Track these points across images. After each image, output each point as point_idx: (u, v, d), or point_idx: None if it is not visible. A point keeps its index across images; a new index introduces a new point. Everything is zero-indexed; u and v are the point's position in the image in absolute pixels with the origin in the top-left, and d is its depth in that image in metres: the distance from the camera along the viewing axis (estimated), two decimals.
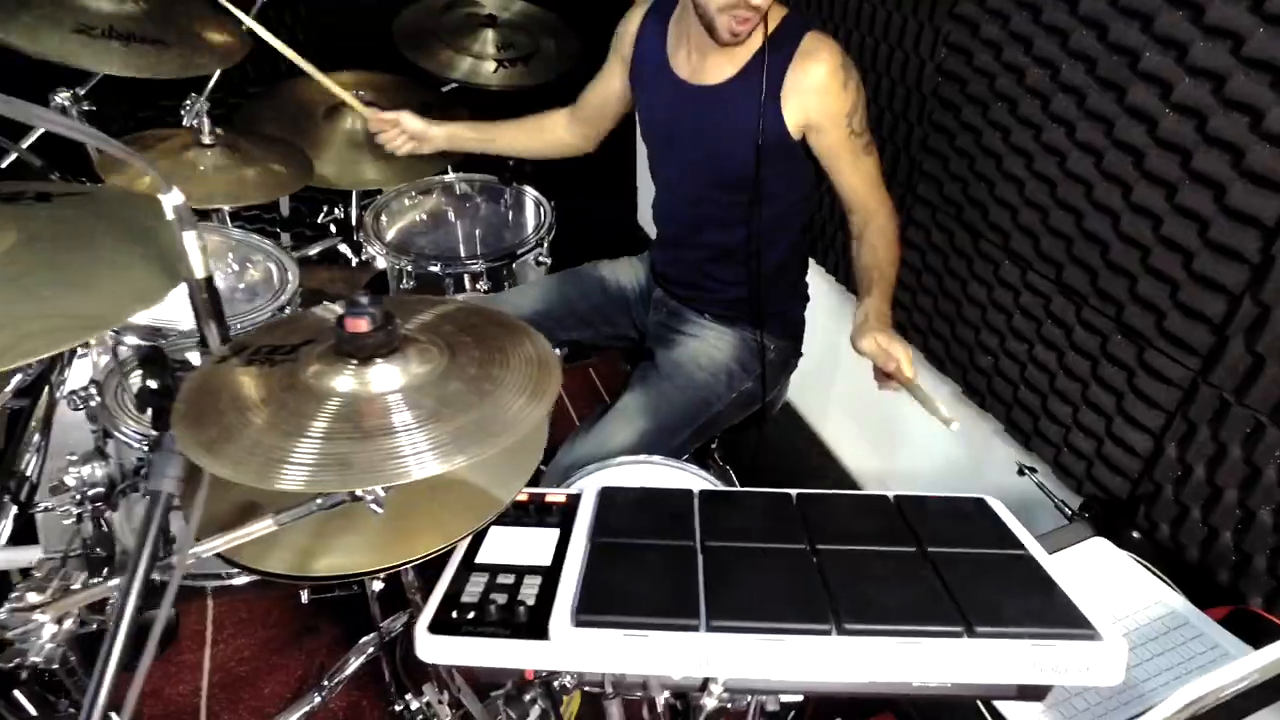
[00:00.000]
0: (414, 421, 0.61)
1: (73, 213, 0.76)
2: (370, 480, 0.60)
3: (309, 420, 0.60)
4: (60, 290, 0.64)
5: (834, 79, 1.25)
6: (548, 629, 0.66)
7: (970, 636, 0.65)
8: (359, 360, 0.65)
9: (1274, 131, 0.99)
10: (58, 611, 0.68)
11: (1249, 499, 1.13)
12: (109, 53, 1.39)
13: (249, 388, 0.64)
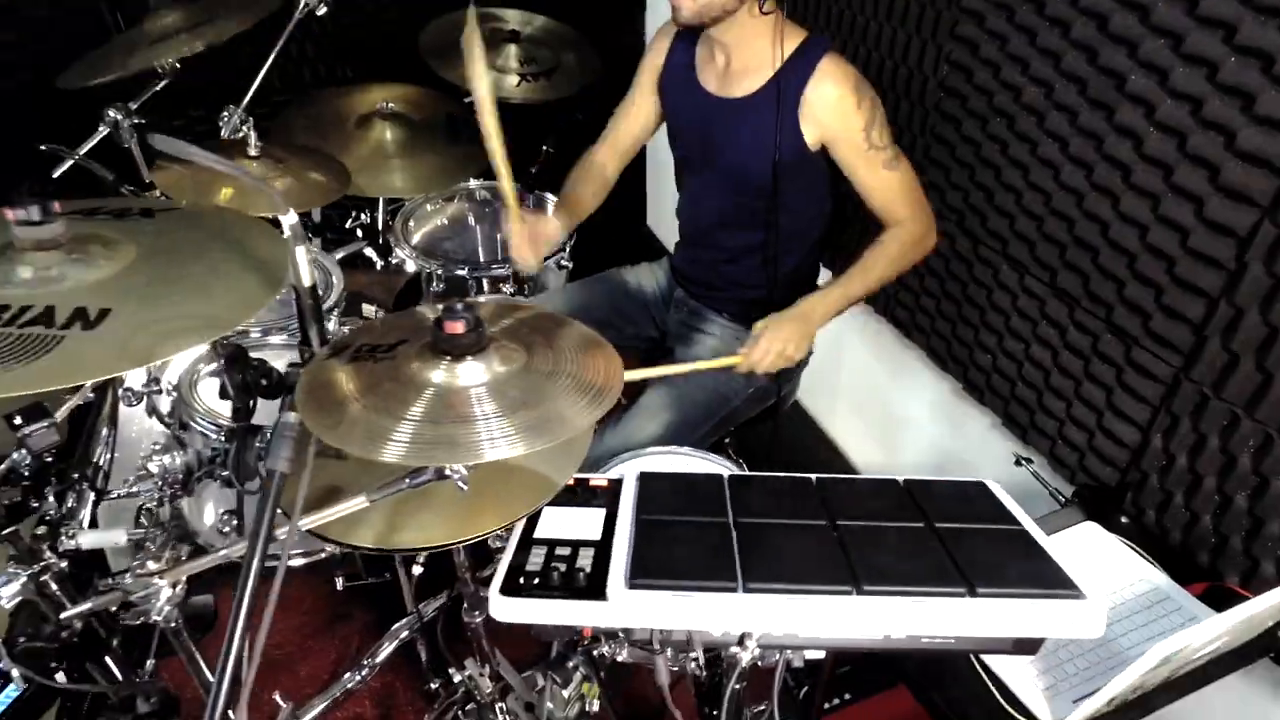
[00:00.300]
0: (494, 412, 0.71)
1: (176, 228, 0.85)
2: (454, 458, 0.70)
3: (407, 406, 0.71)
4: (184, 297, 0.74)
5: (847, 98, 1.35)
6: (606, 591, 0.76)
7: (972, 596, 0.75)
8: (452, 357, 0.75)
9: (1247, 149, 1.09)
10: (173, 577, 0.78)
11: (1226, 485, 1.23)
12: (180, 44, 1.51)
13: (355, 380, 0.74)
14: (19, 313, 0.69)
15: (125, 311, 0.70)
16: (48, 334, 0.67)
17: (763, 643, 0.79)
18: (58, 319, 0.69)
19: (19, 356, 0.64)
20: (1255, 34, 1.05)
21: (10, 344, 0.66)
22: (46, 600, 0.97)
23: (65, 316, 0.69)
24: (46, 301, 0.70)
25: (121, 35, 1.68)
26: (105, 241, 0.79)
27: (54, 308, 0.70)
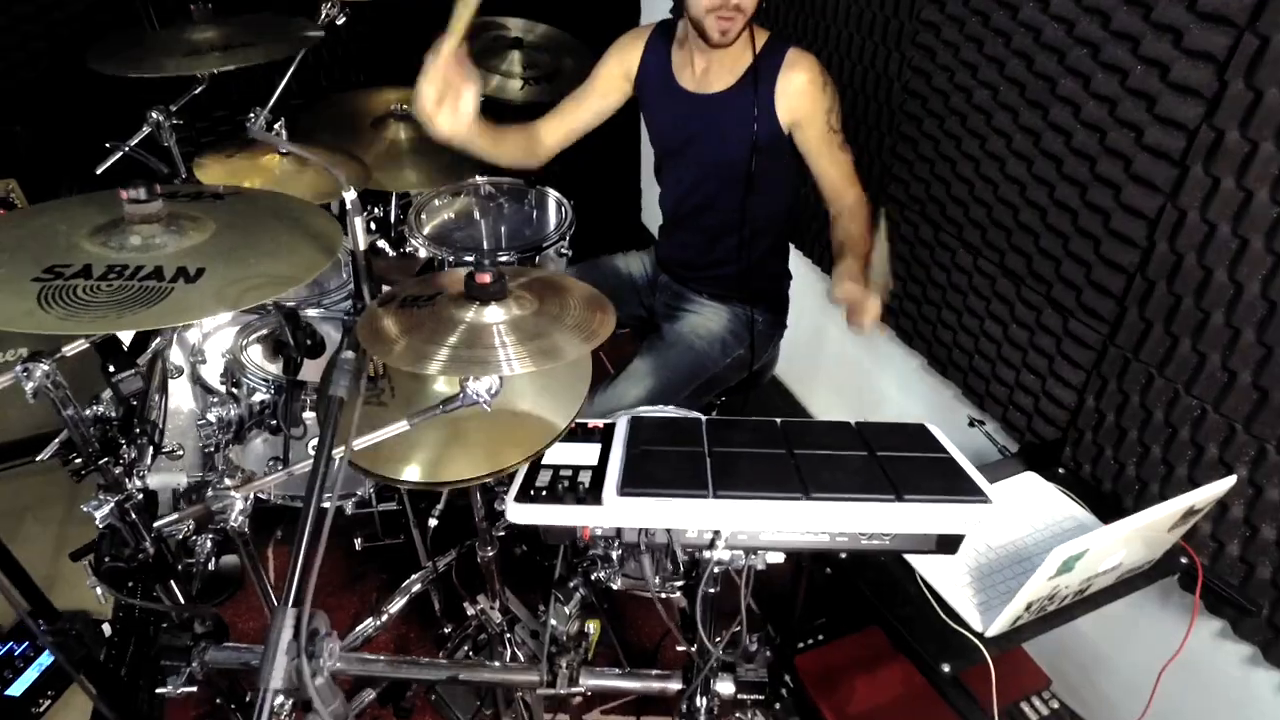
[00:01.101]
0: (512, 341, 0.89)
1: (242, 206, 1.03)
2: (481, 371, 0.88)
3: (445, 337, 0.89)
4: (259, 259, 0.91)
5: (815, 82, 1.53)
6: (601, 497, 0.93)
7: (899, 501, 0.92)
8: (480, 302, 0.93)
9: (1151, 144, 1.27)
10: (245, 490, 0.95)
11: (1145, 437, 1.40)
12: (209, 60, 1.68)
13: (402, 321, 0.92)
14: (135, 271, 0.87)
15: (216, 270, 0.88)
16: (160, 286, 0.85)
17: (730, 544, 0.96)
18: (166, 275, 0.87)
19: (143, 303, 0.83)
20: (1153, 48, 1.23)
21: (134, 293, 0.84)
22: (127, 526, 1.15)
23: (171, 274, 0.87)
24: (155, 263, 0.88)
25: (158, 35, 1.83)
26: (190, 217, 0.96)
27: (162, 267, 0.88)
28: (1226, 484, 1.12)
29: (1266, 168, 1.12)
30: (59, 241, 0.91)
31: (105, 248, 0.90)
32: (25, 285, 0.83)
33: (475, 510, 1.34)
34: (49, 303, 0.81)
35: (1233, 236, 1.18)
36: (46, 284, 0.84)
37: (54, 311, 0.80)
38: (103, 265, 0.87)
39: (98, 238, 0.92)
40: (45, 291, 0.82)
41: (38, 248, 0.90)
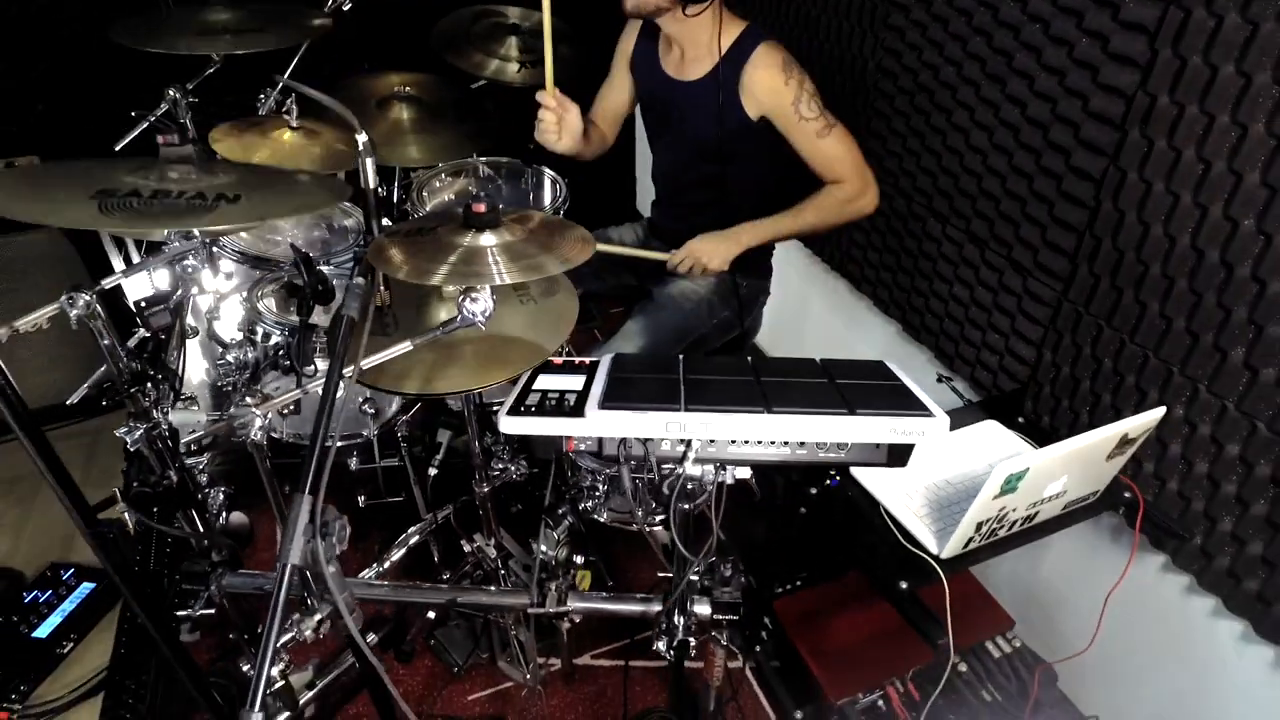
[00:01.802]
0: (503, 259, 1.01)
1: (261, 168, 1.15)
2: (476, 280, 0.99)
3: (446, 256, 1.00)
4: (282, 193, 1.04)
5: (777, 79, 1.63)
6: (584, 411, 1.03)
7: (851, 414, 1.02)
8: (475, 229, 1.04)
9: (1097, 110, 1.38)
10: (266, 408, 1.05)
11: (1096, 386, 1.51)
12: (224, 43, 1.79)
13: (407, 248, 1.04)
14: (179, 194, 0.99)
15: (250, 197, 1.00)
16: (207, 204, 0.98)
17: (700, 456, 1.07)
18: (209, 197, 0.99)
19: (194, 213, 0.96)
20: (1095, 20, 1.34)
21: (184, 208, 0.98)
22: (154, 454, 1.26)
23: (213, 197, 0.99)
24: (196, 189, 1.00)
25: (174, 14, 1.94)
26: (213, 166, 1.08)
27: (203, 192, 1.00)
28: (1155, 414, 1.23)
29: (1192, 129, 1.23)
30: (99, 176, 1.03)
31: (146, 180, 1.02)
32: (82, 200, 0.95)
33: (473, 449, 1.45)
34: (108, 210, 0.94)
35: (1166, 193, 1.29)
36: (102, 200, 0.96)
37: (115, 216, 0.92)
38: (149, 190, 0.99)
39: (137, 175, 1.04)
40: (103, 203, 0.95)
41: (82, 180, 1.02)
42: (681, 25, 1.66)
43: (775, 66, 1.63)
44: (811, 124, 1.68)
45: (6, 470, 2.47)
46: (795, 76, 1.64)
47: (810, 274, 2.45)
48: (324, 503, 0.90)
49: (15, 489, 2.44)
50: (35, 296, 2.52)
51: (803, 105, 1.64)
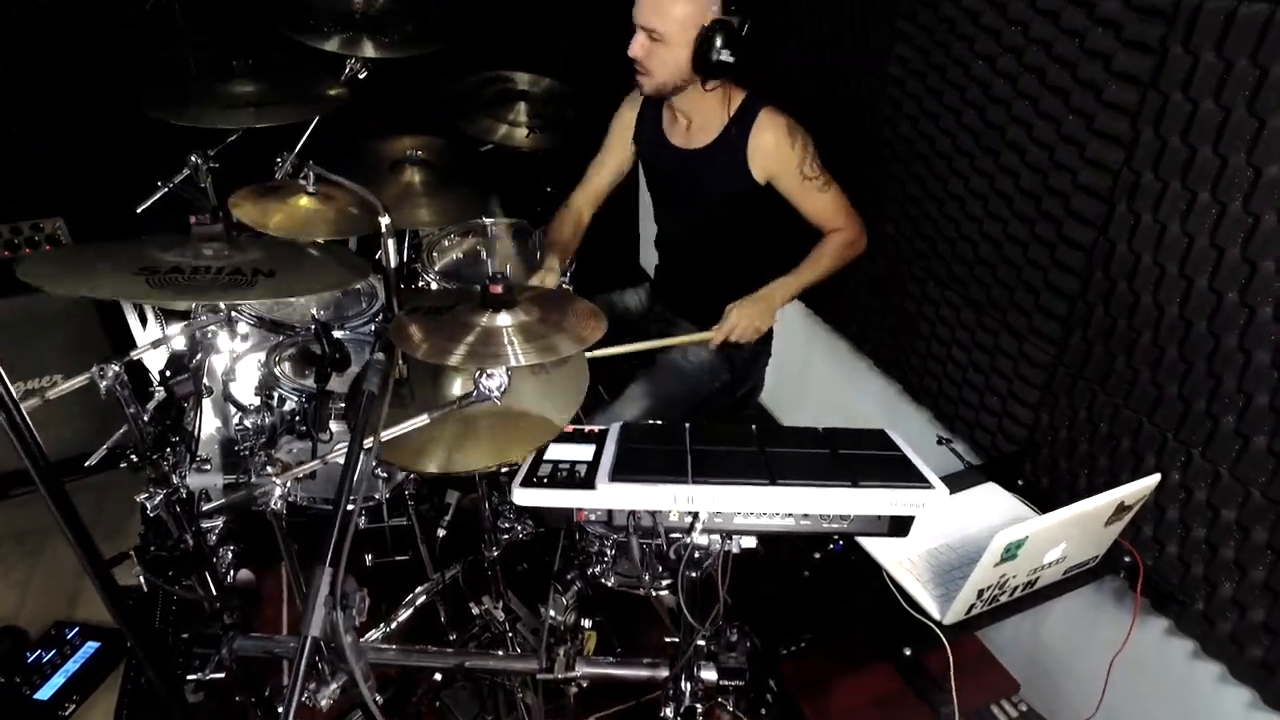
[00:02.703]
0: (519, 340, 1.05)
1: (282, 242, 1.20)
2: (493, 364, 1.03)
3: (463, 336, 1.04)
4: (311, 269, 1.09)
5: (783, 142, 1.71)
6: (595, 483, 1.06)
7: (854, 487, 1.05)
8: (493, 309, 1.09)
9: (1085, 184, 1.44)
10: (285, 478, 1.09)
11: (1093, 449, 1.54)
12: (244, 115, 1.86)
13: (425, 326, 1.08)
14: (218, 271, 1.05)
15: (284, 273, 1.06)
16: (247, 278, 1.04)
17: (707, 527, 1.09)
18: (247, 273, 1.04)
19: (238, 288, 1.01)
20: (1081, 101, 1.41)
21: (226, 283, 1.04)
22: (172, 517, 1.28)
23: (250, 272, 1.05)
24: (233, 266, 1.06)
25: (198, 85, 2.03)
26: (240, 242, 1.13)
27: (240, 268, 1.05)
28: (1151, 481, 1.26)
29: (1175, 205, 1.28)
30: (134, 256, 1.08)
31: (183, 257, 1.08)
32: (129, 277, 1.00)
33: (482, 512, 1.47)
34: (157, 284, 0.99)
35: (1153, 264, 1.34)
36: (148, 275, 1.01)
37: (165, 291, 0.97)
38: (189, 267, 1.05)
39: (172, 253, 1.09)
40: (151, 279, 1.00)
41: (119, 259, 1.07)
42: (694, 99, 1.74)
43: (781, 130, 1.71)
44: (814, 182, 1.77)
45: (14, 524, 2.49)
46: (800, 139, 1.72)
47: (812, 333, 2.49)
48: (344, 574, 0.93)
49: (24, 543, 2.46)
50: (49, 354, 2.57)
51: (806, 166, 1.72)
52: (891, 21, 1.83)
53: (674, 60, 1.66)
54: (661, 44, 1.64)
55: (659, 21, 1.62)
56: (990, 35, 1.57)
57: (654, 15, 1.63)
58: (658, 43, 1.65)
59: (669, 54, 1.65)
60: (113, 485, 2.38)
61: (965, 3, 1.61)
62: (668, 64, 1.66)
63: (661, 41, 1.64)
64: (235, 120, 1.89)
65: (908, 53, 1.81)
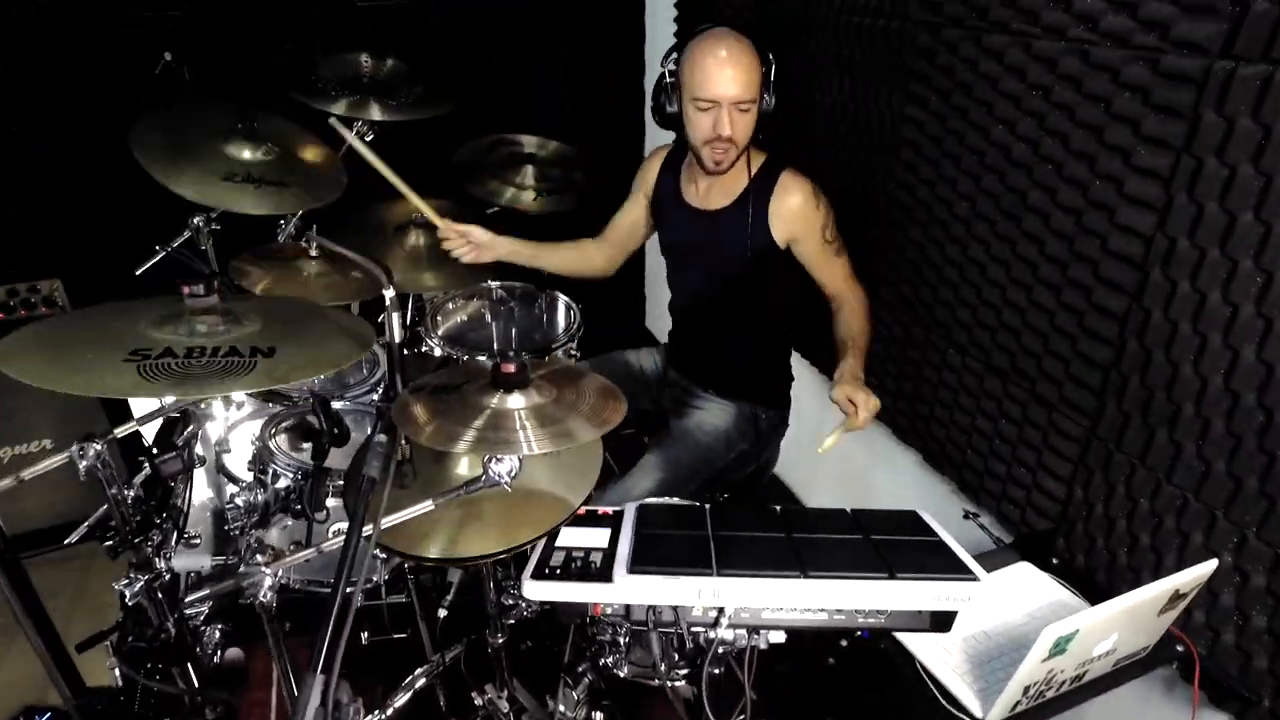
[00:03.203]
0: (532, 425, 0.97)
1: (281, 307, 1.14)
2: (504, 451, 0.95)
3: (473, 418, 0.97)
4: (314, 342, 1.02)
5: (808, 204, 1.67)
6: (612, 576, 0.98)
7: (892, 579, 0.97)
8: (504, 390, 1.02)
9: (1116, 250, 1.39)
10: (276, 567, 1.00)
11: (1133, 527, 1.45)
12: (244, 195, 1.82)
13: (432, 407, 1.01)
14: (214, 351, 0.98)
15: (284, 349, 0.99)
16: (245, 360, 0.97)
17: (733, 622, 1.01)
18: (244, 353, 0.97)
19: (236, 374, 0.94)
20: (1108, 165, 1.37)
21: (223, 368, 0.97)
22: (153, 605, 1.19)
23: (248, 351, 0.98)
24: (228, 344, 0.99)
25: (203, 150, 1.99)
26: (238, 311, 1.07)
27: (237, 347, 0.98)
28: (1208, 568, 1.17)
29: (1215, 273, 1.22)
30: (124, 333, 1.01)
31: (175, 335, 1.01)
32: (118, 364, 0.93)
33: (487, 597, 1.38)
34: (150, 374, 0.92)
35: (1194, 334, 1.28)
36: (139, 363, 0.94)
37: (161, 382, 0.90)
38: (181, 348, 0.98)
39: (164, 328, 1.03)
40: (142, 368, 0.93)
41: (108, 339, 1.00)
42: None
43: (806, 193, 1.68)
44: (832, 246, 1.74)
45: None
46: (824, 202, 1.71)
47: (825, 400, 2.41)
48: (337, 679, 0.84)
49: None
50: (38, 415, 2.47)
51: (827, 230, 1.69)
52: (904, 84, 1.81)
53: (754, 122, 1.65)
54: (748, 114, 1.63)
55: (748, 91, 1.60)
56: (1009, 100, 1.54)
57: (743, 88, 1.59)
58: (745, 112, 1.62)
59: (752, 118, 1.64)
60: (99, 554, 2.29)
61: (982, 68, 1.59)
62: (751, 129, 1.65)
63: (748, 112, 1.62)
64: (236, 201, 1.83)
65: (921, 115, 1.78)
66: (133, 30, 2.43)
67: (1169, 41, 1.25)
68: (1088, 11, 1.36)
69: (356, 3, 2.74)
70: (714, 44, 1.59)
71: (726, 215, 1.73)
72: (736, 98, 1.59)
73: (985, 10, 1.57)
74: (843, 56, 2.01)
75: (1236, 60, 1.16)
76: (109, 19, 2.41)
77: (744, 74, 1.58)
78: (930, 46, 1.72)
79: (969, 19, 1.62)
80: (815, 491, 2.65)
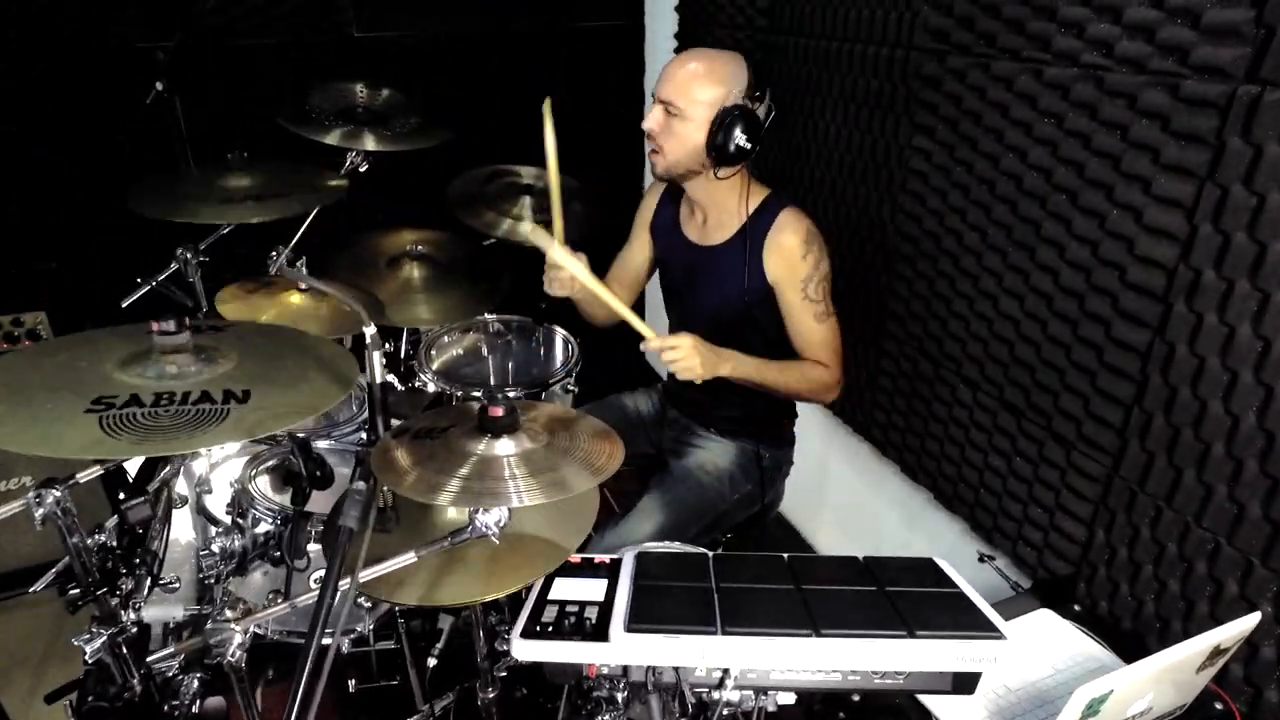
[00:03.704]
0: (522, 474, 0.90)
1: (260, 340, 1.08)
2: (491, 503, 0.88)
3: (456, 468, 0.90)
4: (293, 382, 0.95)
5: (798, 249, 1.60)
6: (608, 634, 0.91)
7: (911, 637, 0.90)
8: (492, 435, 0.95)
9: (1134, 281, 1.33)
10: (245, 624, 0.93)
11: (1160, 572, 1.38)
12: (245, 210, 1.78)
13: (415, 453, 0.94)
14: (184, 396, 0.91)
15: (260, 391, 0.92)
16: (218, 408, 0.90)
17: (739, 683, 0.93)
18: (216, 398, 0.90)
19: (207, 422, 0.87)
20: (1127, 195, 1.31)
21: (193, 417, 0.89)
22: (117, 662, 1.11)
23: (220, 396, 0.91)
24: (200, 387, 0.92)
25: (195, 179, 1.95)
26: (212, 348, 1.01)
27: (209, 391, 0.92)
28: (1251, 621, 1.09)
29: (1244, 305, 1.16)
30: (90, 374, 0.95)
31: (143, 378, 0.95)
32: (79, 417, 0.86)
33: (477, 647, 1.30)
34: (113, 428, 0.84)
35: (1223, 369, 1.21)
36: (101, 414, 0.87)
37: (124, 438, 0.83)
38: (149, 394, 0.92)
39: (132, 369, 0.96)
40: (104, 420, 0.86)
41: (72, 382, 0.94)
42: (710, 189, 1.65)
43: (801, 235, 1.60)
44: (814, 305, 1.64)
45: None
46: (815, 254, 1.61)
47: (831, 437, 2.36)
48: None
49: None
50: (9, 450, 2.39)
51: (811, 287, 1.60)
52: (910, 113, 1.77)
53: (690, 141, 1.57)
54: (679, 119, 1.57)
55: (680, 97, 1.55)
56: (1020, 128, 1.50)
57: (676, 90, 1.55)
58: (674, 118, 1.57)
59: (685, 133, 1.57)
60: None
61: (991, 95, 1.55)
62: (683, 144, 1.58)
63: (679, 117, 1.56)
64: (233, 216, 1.81)
65: (928, 145, 1.74)
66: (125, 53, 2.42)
67: (1189, 66, 1.20)
68: (1102, 37, 1.32)
69: (354, 34, 2.73)
70: (689, 50, 1.59)
71: (723, 252, 1.67)
72: (664, 96, 1.57)
73: (994, 37, 1.53)
74: (847, 86, 1.97)
75: (1264, 85, 1.12)
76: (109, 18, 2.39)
77: (684, 79, 1.55)
78: (937, 74, 1.69)
79: (977, 46, 1.58)
80: (821, 530, 2.57)
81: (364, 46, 2.75)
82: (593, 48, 3.08)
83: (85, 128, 2.42)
